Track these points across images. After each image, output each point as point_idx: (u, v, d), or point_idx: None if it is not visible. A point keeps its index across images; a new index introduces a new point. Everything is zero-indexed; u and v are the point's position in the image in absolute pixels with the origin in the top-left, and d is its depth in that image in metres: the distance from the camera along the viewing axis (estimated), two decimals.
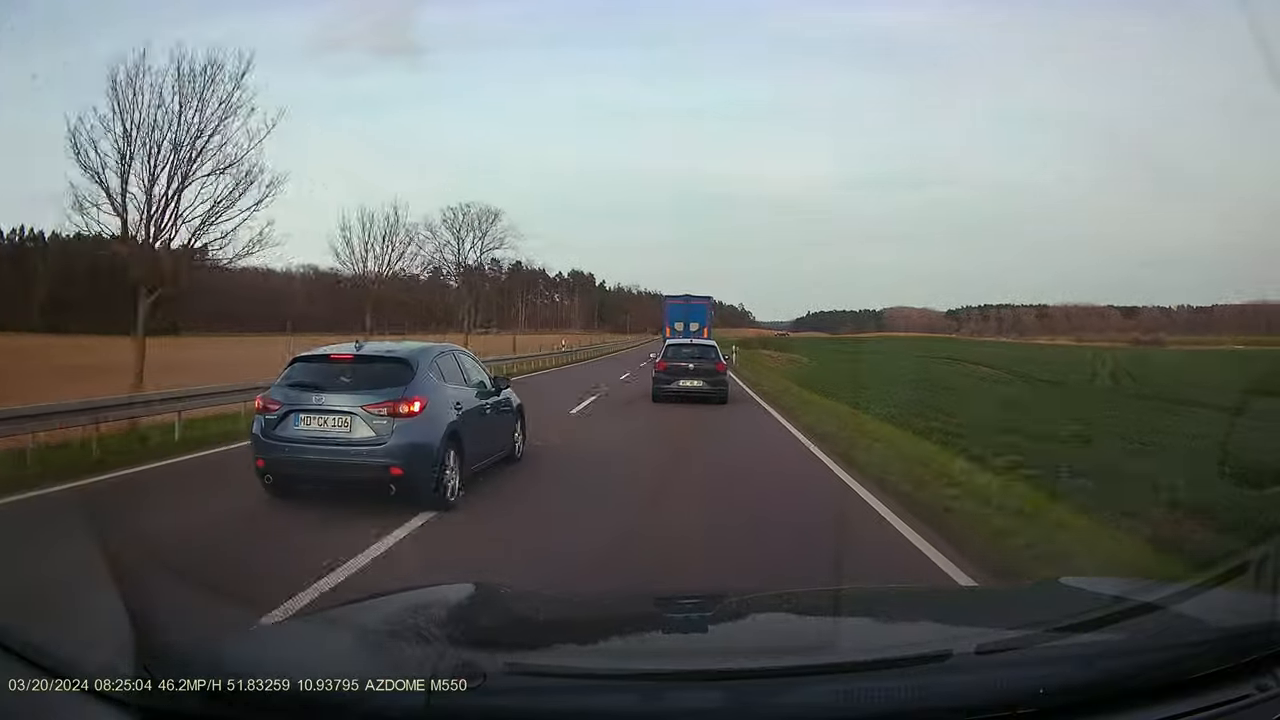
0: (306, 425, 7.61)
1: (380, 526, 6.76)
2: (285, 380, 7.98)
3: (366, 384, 7.76)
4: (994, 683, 1.69)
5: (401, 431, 7.50)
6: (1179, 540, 6.51)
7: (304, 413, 7.63)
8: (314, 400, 7.66)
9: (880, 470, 10.05)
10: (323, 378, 7.90)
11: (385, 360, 8.15)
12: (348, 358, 8.10)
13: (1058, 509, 7.68)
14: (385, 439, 7.46)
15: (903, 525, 7.41)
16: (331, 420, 7.58)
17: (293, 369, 8.10)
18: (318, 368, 8.07)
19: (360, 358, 8.12)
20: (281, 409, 7.68)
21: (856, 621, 2.44)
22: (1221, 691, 1.73)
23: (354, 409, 7.54)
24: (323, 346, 8.75)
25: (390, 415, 7.52)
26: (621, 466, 10.59)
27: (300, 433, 7.59)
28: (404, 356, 8.19)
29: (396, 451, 7.42)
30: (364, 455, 7.45)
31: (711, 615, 2.59)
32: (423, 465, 7.49)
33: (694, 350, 20.28)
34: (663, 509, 8.13)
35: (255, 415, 7.98)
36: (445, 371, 8.63)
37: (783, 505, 8.44)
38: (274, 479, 7.69)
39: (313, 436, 7.56)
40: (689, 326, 36.24)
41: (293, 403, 7.68)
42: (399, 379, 7.80)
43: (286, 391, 7.81)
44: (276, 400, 7.75)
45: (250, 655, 1.86)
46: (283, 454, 7.57)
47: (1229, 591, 2.33)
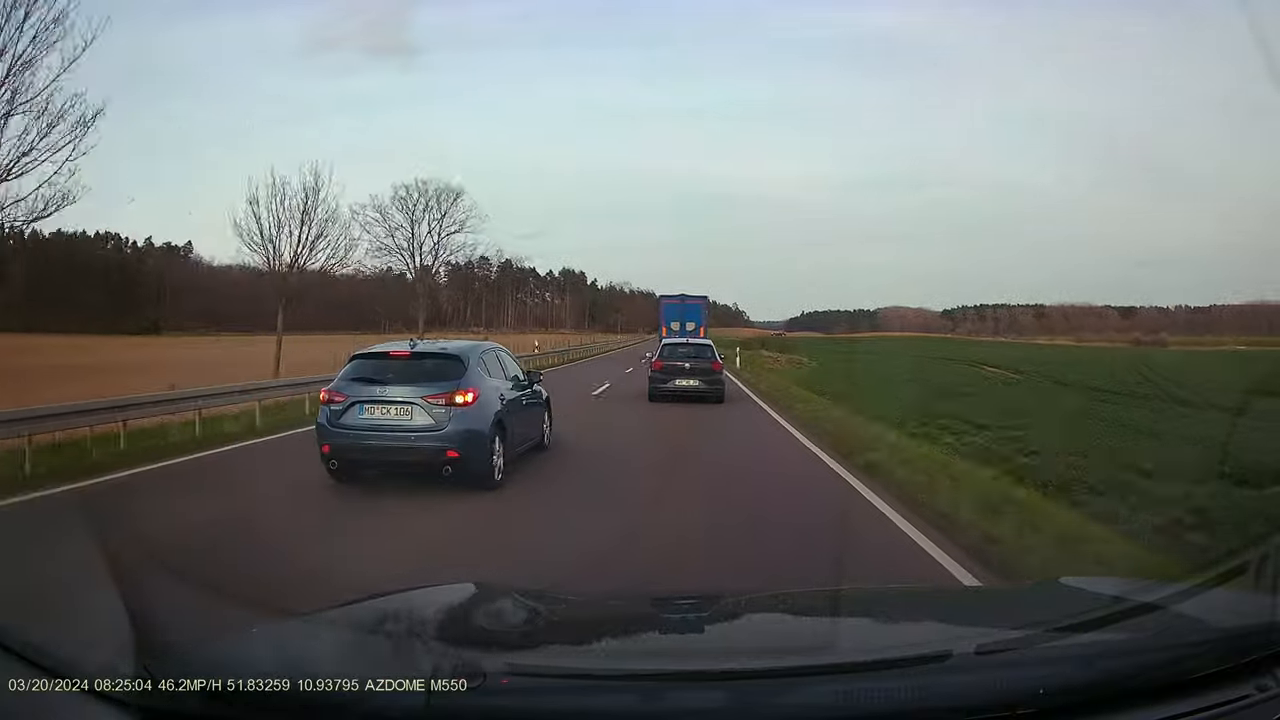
0: (370, 415, 8.46)
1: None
2: (347, 375, 8.85)
3: (424, 377, 8.65)
4: (994, 683, 1.69)
5: (457, 419, 8.38)
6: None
7: (368, 404, 8.49)
8: (377, 392, 8.53)
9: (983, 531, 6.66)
10: (383, 372, 8.78)
11: (439, 357, 9.05)
12: (405, 355, 9.03)
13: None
14: (443, 426, 8.34)
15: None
16: (394, 410, 8.46)
17: (354, 365, 8.98)
18: (377, 364, 8.95)
19: (416, 354, 9.05)
20: (347, 401, 8.53)
21: (856, 621, 2.44)
22: (1221, 691, 1.73)
23: (414, 399, 8.42)
24: (377, 345, 9.77)
25: (447, 405, 8.40)
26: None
27: (364, 421, 8.44)
28: (455, 353, 9.14)
29: (453, 437, 8.32)
30: (424, 440, 8.33)
31: (711, 615, 2.59)
32: (475, 449, 8.44)
33: (691, 349, 20.25)
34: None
35: (320, 406, 8.82)
36: (489, 366, 9.53)
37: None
38: (338, 463, 8.53)
39: (376, 424, 8.43)
40: (685, 326, 36.17)
41: (357, 395, 8.54)
42: (452, 373, 8.72)
43: (350, 385, 8.66)
44: (342, 393, 8.61)
45: (250, 655, 1.86)
46: (348, 440, 8.42)
47: (1229, 591, 2.33)
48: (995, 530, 6.57)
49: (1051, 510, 7.70)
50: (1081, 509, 8.14)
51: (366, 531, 6.97)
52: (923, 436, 14.40)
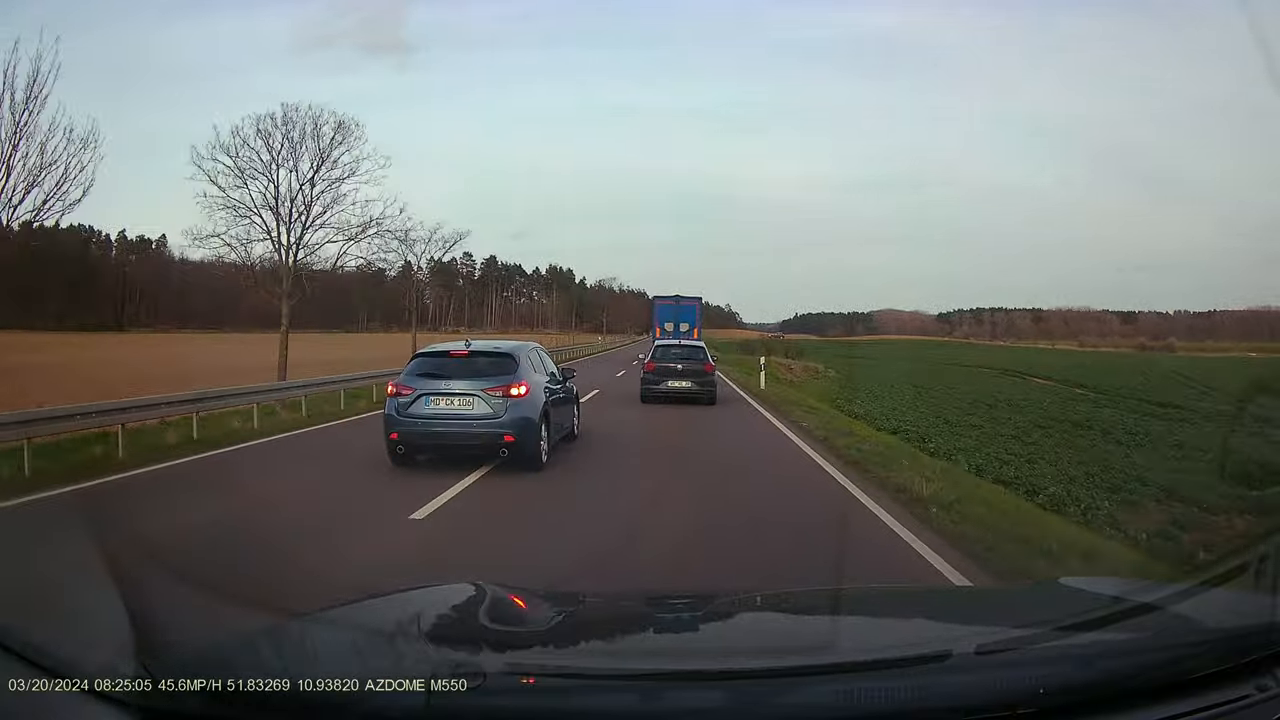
0: (435, 405, 9.66)
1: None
2: (412, 371, 10.04)
3: (481, 373, 9.88)
4: (994, 683, 1.69)
5: (513, 409, 9.62)
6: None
7: (433, 395, 9.67)
8: (441, 386, 9.72)
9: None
10: (444, 368, 9.99)
11: (493, 355, 10.28)
12: (464, 353, 10.26)
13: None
14: (501, 415, 9.56)
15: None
16: (457, 401, 9.67)
17: (417, 362, 10.23)
18: (439, 361, 10.18)
19: (473, 353, 10.27)
20: (414, 393, 9.69)
21: (856, 621, 2.44)
22: (1221, 691, 1.73)
23: (475, 391, 9.64)
24: (437, 345, 11.24)
25: (504, 396, 9.64)
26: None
27: (430, 410, 9.65)
28: (508, 351, 10.38)
29: (510, 424, 9.54)
30: (484, 427, 9.54)
31: (711, 615, 2.59)
32: (528, 435, 9.67)
33: (683, 351, 20.39)
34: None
35: (388, 399, 9.99)
36: (534, 364, 10.73)
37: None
38: (405, 448, 9.69)
39: (440, 414, 9.64)
40: (679, 327, 35.75)
41: (423, 388, 9.70)
42: (506, 369, 9.96)
43: (416, 379, 9.84)
44: (409, 386, 9.77)
45: (250, 655, 1.86)
46: (415, 428, 9.61)
47: (1229, 591, 2.33)
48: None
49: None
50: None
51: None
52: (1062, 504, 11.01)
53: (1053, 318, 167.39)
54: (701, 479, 9.93)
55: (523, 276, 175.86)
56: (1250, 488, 11.90)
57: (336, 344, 52.56)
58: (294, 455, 11.86)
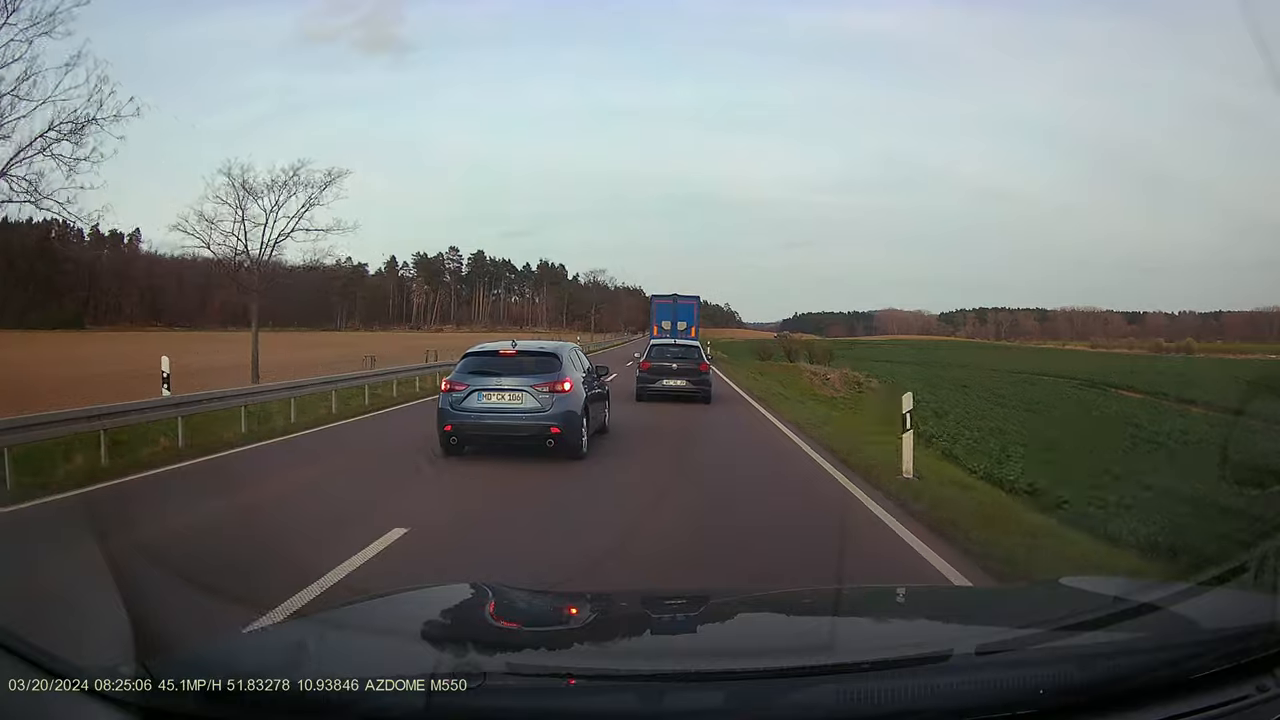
0: (487, 400, 10.51)
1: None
2: (464, 369, 10.90)
3: (528, 370, 10.68)
4: (994, 683, 1.69)
5: (559, 403, 10.45)
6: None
7: (485, 391, 10.52)
8: (492, 382, 10.55)
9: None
10: (494, 366, 10.82)
11: (538, 354, 11.09)
12: (512, 353, 11.03)
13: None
14: (548, 409, 10.38)
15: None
16: (508, 396, 10.50)
17: (468, 361, 11.07)
18: (489, 360, 10.98)
19: (520, 352, 11.04)
20: (467, 389, 10.55)
21: (856, 621, 2.44)
22: (1221, 692, 1.73)
23: (524, 387, 10.44)
24: (486, 345, 11.85)
25: (551, 391, 10.44)
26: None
27: (482, 405, 10.50)
28: (551, 351, 11.25)
29: (556, 417, 10.39)
30: (533, 419, 10.38)
31: (712, 615, 2.59)
32: (572, 427, 10.56)
33: (678, 350, 20.67)
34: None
35: (441, 394, 10.93)
36: (574, 362, 11.54)
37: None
38: (458, 439, 10.62)
39: (491, 408, 10.49)
40: (676, 325, 35.66)
41: (475, 384, 10.56)
42: (551, 367, 10.77)
43: (468, 376, 10.70)
44: (462, 382, 10.63)
45: (250, 655, 1.86)
46: (469, 420, 10.50)
47: (1229, 591, 2.33)
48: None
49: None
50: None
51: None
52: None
53: (1058, 318, 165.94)
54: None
55: (513, 273, 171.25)
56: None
57: (305, 343, 49.81)
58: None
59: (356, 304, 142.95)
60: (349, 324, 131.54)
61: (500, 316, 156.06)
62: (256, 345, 24.51)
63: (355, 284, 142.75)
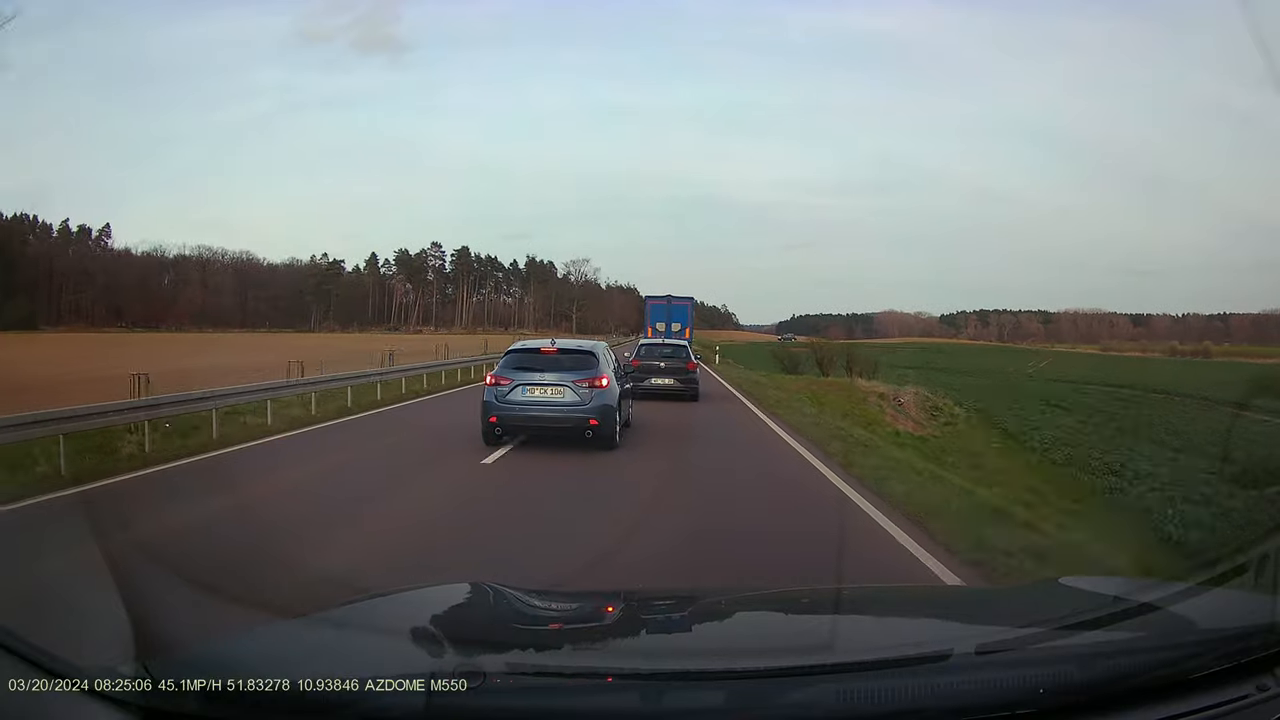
0: (530, 393, 11.26)
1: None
2: (508, 364, 11.64)
3: (568, 367, 11.42)
4: (994, 683, 1.69)
5: (597, 397, 11.23)
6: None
7: (528, 385, 11.28)
8: (535, 377, 11.31)
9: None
10: (536, 363, 11.56)
11: (576, 352, 11.88)
12: (553, 350, 11.78)
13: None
14: (587, 403, 11.14)
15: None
16: (550, 390, 11.24)
17: (511, 357, 11.81)
18: (530, 356, 11.73)
19: (560, 350, 11.80)
20: (512, 383, 11.30)
21: (856, 621, 2.44)
22: (1221, 691, 1.73)
23: (565, 383, 11.20)
24: (528, 342, 12.70)
25: (590, 386, 11.22)
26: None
27: (525, 398, 11.25)
28: (589, 350, 12.09)
29: (594, 410, 11.14)
30: (573, 412, 11.14)
31: (711, 615, 2.59)
32: (608, 419, 11.33)
33: (667, 350, 21.12)
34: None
35: (486, 388, 11.61)
36: (607, 360, 12.29)
37: None
38: (502, 430, 11.34)
39: (534, 400, 11.25)
40: (670, 327, 35.74)
41: (519, 379, 11.33)
42: (589, 364, 11.53)
43: (512, 372, 11.44)
44: (507, 377, 11.38)
45: (250, 655, 1.86)
46: (513, 412, 11.25)
47: (1229, 591, 2.33)
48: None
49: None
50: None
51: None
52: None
53: (1062, 320, 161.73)
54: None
55: (500, 271, 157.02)
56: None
57: (252, 346, 44.17)
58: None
59: (331, 303, 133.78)
60: (324, 325, 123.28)
61: (486, 317, 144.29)
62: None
63: (330, 282, 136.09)
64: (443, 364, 27.51)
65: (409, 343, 49.07)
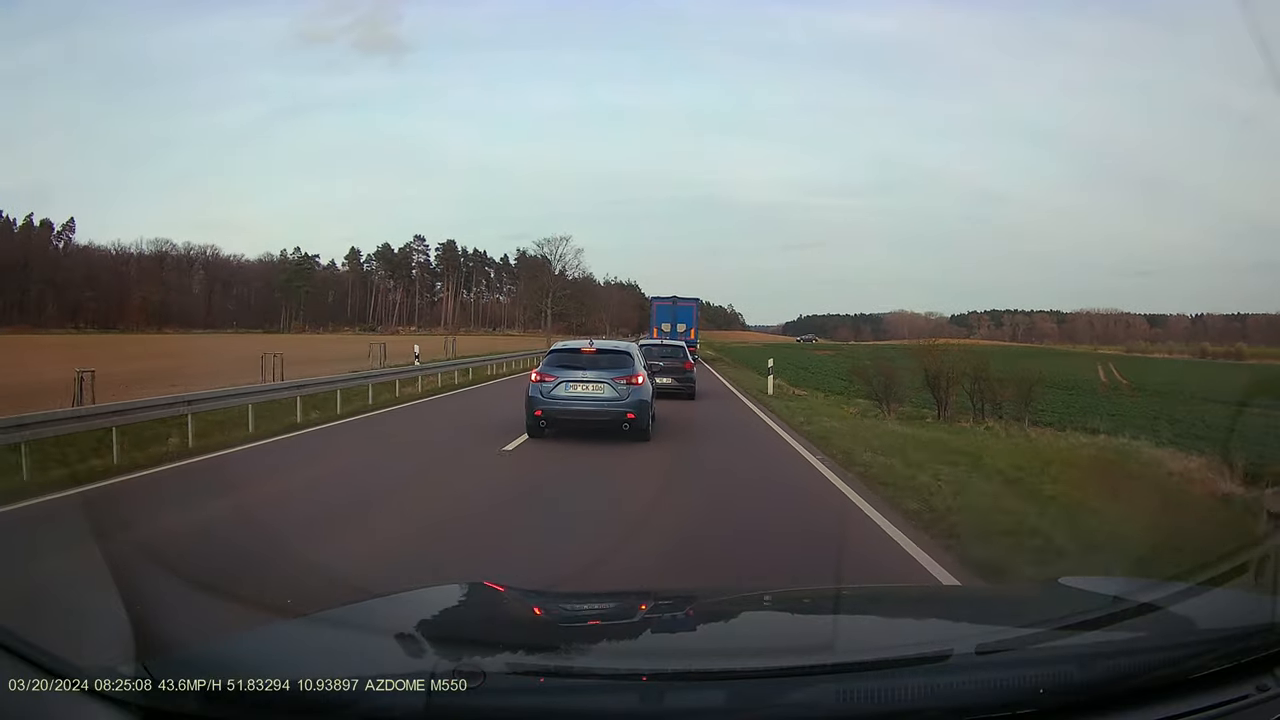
0: (573, 389, 12.27)
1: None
2: (552, 363, 12.63)
3: (606, 365, 12.43)
4: (994, 683, 1.69)
5: (634, 393, 12.26)
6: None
7: (571, 382, 12.29)
8: (577, 375, 12.32)
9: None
10: (577, 361, 12.59)
11: (613, 352, 12.92)
12: (592, 350, 12.79)
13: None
14: (625, 398, 12.18)
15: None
16: (591, 387, 12.25)
17: (554, 356, 12.86)
18: (572, 355, 12.78)
19: (599, 351, 12.79)
20: (556, 380, 12.28)
21: (856, 621, 2.44)
22: (1221, 691, 1.73)
23: (605, 380, 12.24)
24: (569, 342, 13.94)
25: (627, 383, 12.26)
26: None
27: (568, 394, 12.25)
28: (624, 350, 13.24)
29: (632, 405, 12.19)
30: (612, 407, 12.18)
31: (711, 615, 2.59)
32: (644, 414, 12.36)
33: (665, 350, 21.75)
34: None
35: (531, 384, 12.49)
36: (640, 359, 13.35)
37: None
38: (546, 423, 12.29)
39: (577, 396, 12.25)
40: (675, 327, 35.83)
41: (562, 376, 12.31)
42: (626, 363, 12.57)
43: (555, 370, 12.42)
44: (551, 374, 12.33)
45: (250, 655, 1.86)
46: (557, 406, 12.23)
47: (1229, 591, 2.33)
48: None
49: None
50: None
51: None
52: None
53: (1077, 320, 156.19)
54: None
55: (491, 266, 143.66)
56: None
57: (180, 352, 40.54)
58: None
59: (303, 301, 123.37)
60: (294, 325, 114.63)
61: (478, 317, 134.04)
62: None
63: (301, 279, 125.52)
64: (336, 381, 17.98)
65: (353, 346, 42.68)
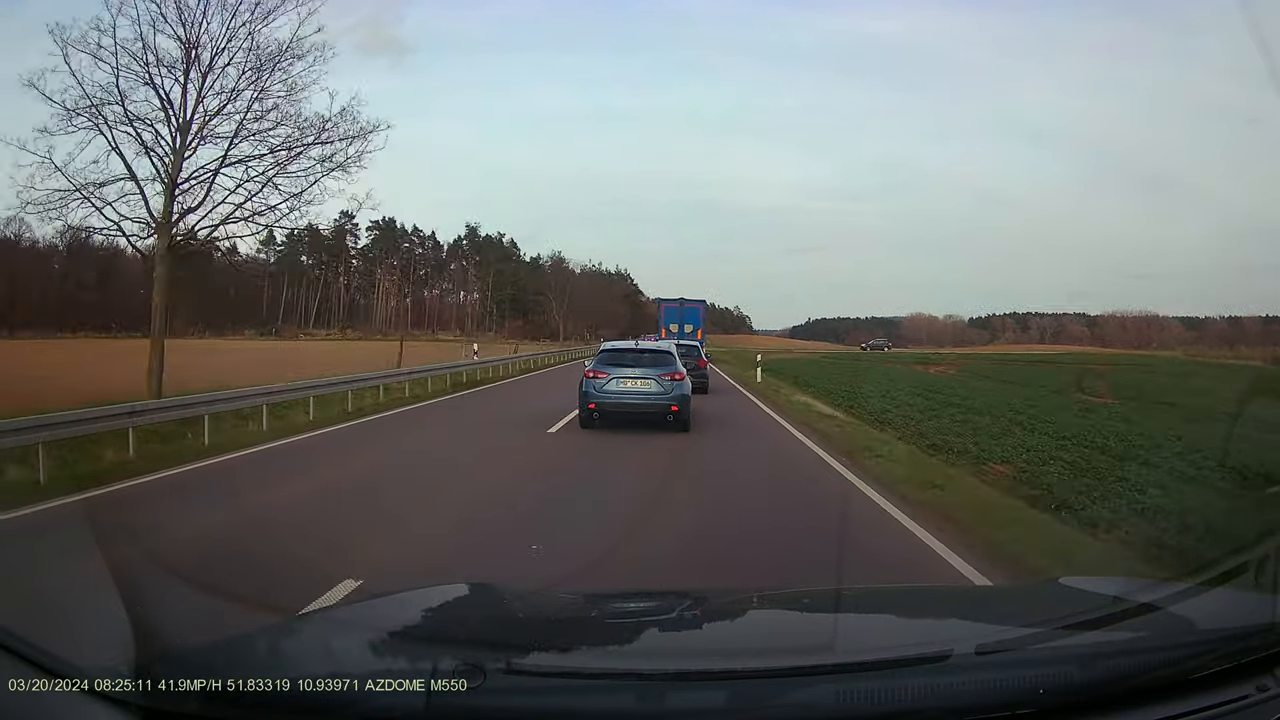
0: (622, 385, 13.66)
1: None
2: (602, 361, 14.13)
3: (650, 363, 13.98)
4: (994, 683, 1.70)
5: (676, 388, 13.69)
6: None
7: (621, 378, 13.69)
8: (626, 372, 13.75)
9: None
10: (625, 359, 14.09)
11: (655, 351, 14.66)
12: (637, 349, 14.59)
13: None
14: (669, 393, 13.59)
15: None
16: (639, 383, 13.67)
17: (604, 354, 14.41)
18: (620, 354, 14.33)
19: (642, 350, 14.61)
20: (608, 377, 13.70)
21: (856, 621, 2.44)
22: (1221, 691, 1.73)
23: (651, 376, 13.71)
24: (617, 342, 16.21)
25: (672, 379, 13.73)
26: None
27: (618, 388, 13.65)
28: (665, 349, 14.98)
29: (675, 399, 13.59)
30: (657, 400, 13.57)
31: (711, 615, 2.59)
32: (685, 407, 13.74)
33: (681, 350, 21.77)
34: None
35: (584, 380, 13.98)
36: (678, 357, 14.72)
37: None
38: (599, 414, 13.68)
39: (626, 390, 13.63)
40: (683, 329, 36.14)
41: (612, 373, 13.75)
42: (668, 361, 14.14)
43: (606, 367, 13.88)
44: (603, 371, 13.79)
45: (250, 655, 1.86)
46: (608, 400, 13.65)
47: (1229, 591, 2.33)
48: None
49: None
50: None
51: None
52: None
53: (1107, 322, 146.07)
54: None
55: (442, 250, 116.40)
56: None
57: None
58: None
59: (255, 306, 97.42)
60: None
61: (431, 318, 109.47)
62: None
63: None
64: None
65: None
